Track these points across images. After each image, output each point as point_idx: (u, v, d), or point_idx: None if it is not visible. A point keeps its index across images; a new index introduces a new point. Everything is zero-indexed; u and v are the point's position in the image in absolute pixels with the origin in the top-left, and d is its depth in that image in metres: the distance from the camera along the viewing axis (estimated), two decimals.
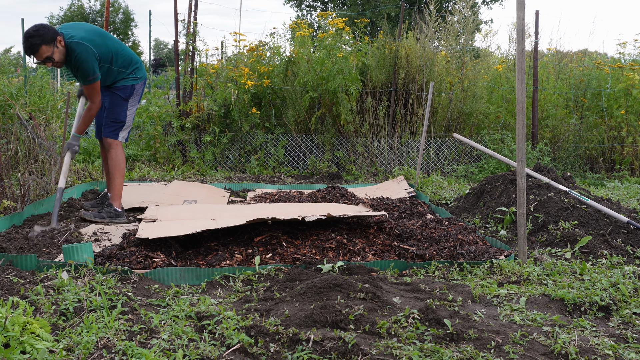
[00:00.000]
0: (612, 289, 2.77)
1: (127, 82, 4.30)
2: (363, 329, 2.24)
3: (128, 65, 4.29)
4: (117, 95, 4.30)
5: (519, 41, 3.20)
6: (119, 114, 4.31)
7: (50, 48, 3.87)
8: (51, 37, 3.86)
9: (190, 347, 2.06)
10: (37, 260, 2.90)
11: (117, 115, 4.31)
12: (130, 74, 4.30)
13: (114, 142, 4.33)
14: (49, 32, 3.86)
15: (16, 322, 1.91)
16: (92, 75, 4.02)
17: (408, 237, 3.75)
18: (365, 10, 20.35)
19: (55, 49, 3.89)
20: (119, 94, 4.30)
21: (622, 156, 7.18)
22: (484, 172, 6.88)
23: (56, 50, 3.90)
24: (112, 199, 4.32)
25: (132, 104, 4.38)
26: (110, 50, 4.16)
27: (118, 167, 4.32)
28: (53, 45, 3.87)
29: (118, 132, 4.33)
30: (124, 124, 4.34)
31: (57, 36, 3.90)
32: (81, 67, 3.99)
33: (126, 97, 4.32)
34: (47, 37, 3.84)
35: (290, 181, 6.54)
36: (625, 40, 10.84)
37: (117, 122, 4.31)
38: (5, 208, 4.10)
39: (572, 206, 4.06)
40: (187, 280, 2.93)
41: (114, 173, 4.32)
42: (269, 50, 7.97)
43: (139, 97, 4.46)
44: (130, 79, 4.31)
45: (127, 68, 4.28)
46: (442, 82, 7.44)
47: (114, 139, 4.32)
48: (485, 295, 2.76)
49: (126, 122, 4.36)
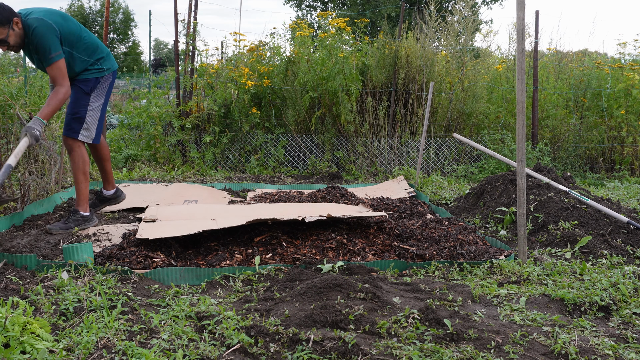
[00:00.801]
0: (612, 289, 2.77)
1: (91, 75, 3.90)
2: (363, 329, 2.24)
3: (92, 52, 3.88)
4: (78, 87, 3.89)
5: (519, 41, 3.20)
6: (79, 109, 3.88)
7: (4, 30, 3.51)
8: (6, 19, 3.50)
9: (190, 347, 2.06)
10: (37, 260, 2.90)
11: (76, 110, 3.88)
12: (94, 63, 3.90)
13: (74, 143, 3.90)
14: (4, 12, 3.50)
15: (16, 322, 1.91)
16: (53, 52, 3.61)
17: (408, 237, 3.75)
18: (365, 10, 20.36)
19: (11, 31, 3.54)
20: (81, 86, 3.89)
21: (622, 156, 7.18)
22: (484, 172, 6.88)
23: (12, 32, 3.55)
24: (77, 204, 3.96)
25: (96, 98, 3.94)
26: (72, 32, 3.77)
27: (81, 171, 3.92)
28: (8, 27, 3.52)
29: (78, 130, 3.89)
30: (83, 120, 3.89)
31: (14, 17, 3.55)
32: (40, 43, 3.59)
33: (88, 91, 3.89)
34: (1, 19, 3.49)
35: (290, 181, 6.54)
36: (625, 41, 10.84)
37: (76, 118, 3.88)
38: (5, 208, 4.10)
39: (572, 206, 4.06)
40: (187, 280, 2.93)
41: (78, 176, 3.92)
42: (269, 50, 7.97)
43: (107, 93, 4.03)
44: (94, 70, 3.90)
45: (90, 56, 3.87)
46: (442, 82, 7.44)
47: (74, 139, 3.90)
48: (485, 295, 2.76)
49: (85, 118, 3.89)
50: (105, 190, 4.42)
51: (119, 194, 4.49)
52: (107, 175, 4.36)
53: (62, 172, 4.99)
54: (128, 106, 7.83)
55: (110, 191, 4.44)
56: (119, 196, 4.49)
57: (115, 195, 4.46)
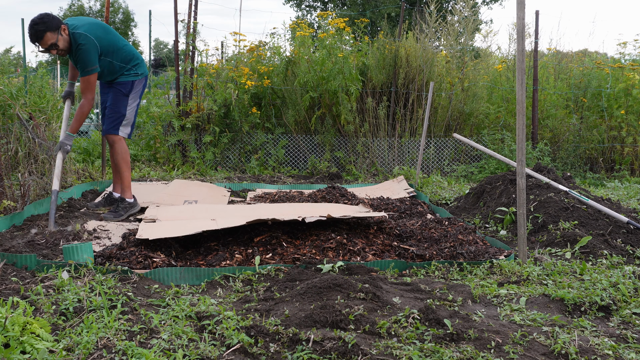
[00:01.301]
0: (612, 289, 2.77)
1: (128, 78, 4.39)
2: (363, 329, 2.24)
3: (129, 60, 4.38)
4: (118, 90, 4.38)
5: (519, 41, 3.20)
6: (120, 108, 4.39)
7: (54, 35, 3.98)
8: (56, 25, 3.98)
9: (190, 347, 2.06)
10: (37, 260, 2.90)
11: (117, 109, 4.38)
12: (130, 69, 4.39)
13: (116, 138, 4.40)
14: (54, 20, 3.98)
15: (16, 322, 1.91)
16: (91, 66, 4.11)
17: (408, 237, 3.75)
18: (365, 10, 20.36)
19: (60, 36, 4.00)
20: (120, 89, 4.38)
21: (622, 156, 7.18)
22: (484, 172, 6.88)
23: (60, 37, 4.01)
24: (122, 192, 4.46)
25: (133, 99, 4.44)
26: (111, 44, 4.26)
27: (124, 160, 4.44)
28: (57, 33, 3.99)
29: (119, 126, 4.40)
30: (124, 116, 4.41)
31: (62, 25, 4.02)
32: (82, 57, 4.08)
33: (126, 93, 4.39)
34: (52, 25, 3.95)
35: (290, 181, 6.54)
36: (626, 41, 10.84)
37: (118, 115, 4.38)
38: (5, 208, 4.10)
39: (572, 206, 4.06)
40: (187, 280, 2.93)
41: (121, 166, 4.43)
42: (269, 50, 7.97)
43: (140, 94, 4.52)
44: (131, 74, 4.40)
45: (127, 63, 4.37)
46: (442, 82, 7.44)
47: (115, 134, 4.39)
48: (485, 295, 2.76)
49: (126, 115, 4.42)
50: (116, 192, 4.60)
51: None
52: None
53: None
54: None
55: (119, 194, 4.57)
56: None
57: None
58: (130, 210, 4.40)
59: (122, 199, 4.45)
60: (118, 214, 4.31)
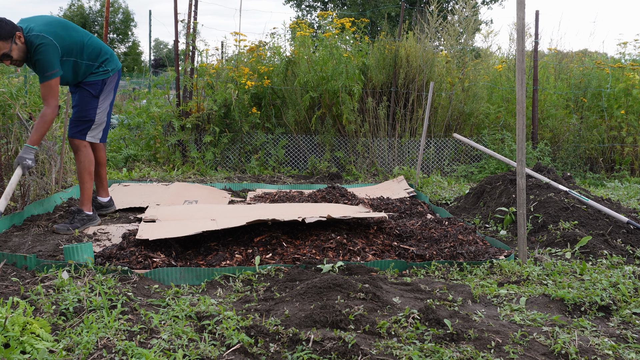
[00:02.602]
0: (612, 289, 2.77)
1: (97, 77, 3.94)
2: (363, 329, 2.24)
3: (97, 56, 3.92)
4: (86, 91, 3.93)
5: (519, 41, 3.20)
6: (88, 112, 3.95)
7: (7, 44, 3.50)
8: (8, 33, 3.49)
9: (190, 347, 2.06)
10: (37, 260, 2.90)
11: (85, 113, 3.95)
12: (99, 67, 3.94)
13: (81, 144, 3.96)
14: (6, 26, 3.48)
15: (16, 322, 1.91)
16: (51, 70, 3.62)
17: (408, 237, 3.75)
18: (365, 10, 20.36)
19: (14, 45, 3.52)
20: (89, 89, 3.93)
21: (622, 156, 7.18)
22: (484, 172, 6.88)
23: (14, 47, 3.53)
24: (81, 204, 4.00)
25: (104, 100, 4.02)
26: (74, 41, 3.79)
27: (87, 170, 3.98)
28: (11, 42, 3.50)
29: (86, 131, 3.98)
30: (92, 122, 3.98)
31: (16, 32, 3.52)
32: (39, 61, 3.60)
33: (96, 94, 3.96)
34: (4, 33, 3.47)
35: (290, 181, 6.54)
36: (626, 41, 10.84)
37: (85, 120, 3.96)
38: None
39: (572, 206, 4.06)
40: (187, 280, 2.93)
41: (83, 176, 3.98)
42: (269, 50, 7.97)
43: (114, 91, 4.09)
44: (100, 72, 3.95)
45: (95, 60, 3.92)
46: (443, 82, 7.44)
47: (81, 140, 3.97)
48: (485, 295, 2.76)
49: (95, 120, 3.99)
50: (100, 197, 4.41)
51: (111, 203, 4.50)
52: (102, 181, 4.35)
53: (62, 172, 4.99)
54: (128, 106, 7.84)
55: (105, 198, 4.42)
56: (111, 205, 4.48)
57: (108, 204, 4.46)
58: (87, 223, 3.96)
59: (80, 210, 3.96)
60: (73, 225, 3.86)
